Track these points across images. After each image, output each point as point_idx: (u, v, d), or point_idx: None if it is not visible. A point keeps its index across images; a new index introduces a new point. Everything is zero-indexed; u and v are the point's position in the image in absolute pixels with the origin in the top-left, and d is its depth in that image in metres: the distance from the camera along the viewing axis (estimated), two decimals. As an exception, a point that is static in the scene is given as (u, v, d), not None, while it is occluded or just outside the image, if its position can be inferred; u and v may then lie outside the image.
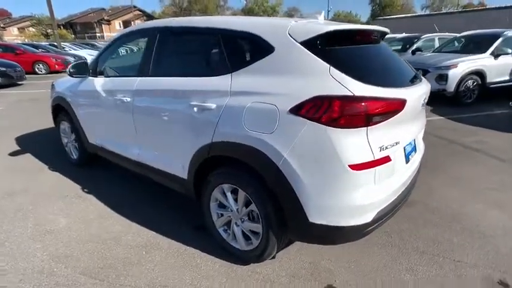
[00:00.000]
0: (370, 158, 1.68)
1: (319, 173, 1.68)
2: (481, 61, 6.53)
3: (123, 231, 2.55)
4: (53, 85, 3.92)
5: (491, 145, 4.33)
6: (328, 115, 1.61)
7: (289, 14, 77.53)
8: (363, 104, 1.62)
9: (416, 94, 2.00)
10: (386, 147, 1.76)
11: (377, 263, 2.17)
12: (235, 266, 2.15)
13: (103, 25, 52.58)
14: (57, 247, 2.37)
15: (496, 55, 6.67)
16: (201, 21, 2.27)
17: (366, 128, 1.65)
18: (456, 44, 8.15)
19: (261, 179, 1.87)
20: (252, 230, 2.06)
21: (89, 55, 19.36)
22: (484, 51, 6.74)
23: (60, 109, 3.71)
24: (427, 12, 51.19)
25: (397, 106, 1.75)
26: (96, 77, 3.07)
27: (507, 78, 6.85)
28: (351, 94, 1.62)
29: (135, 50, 3.50)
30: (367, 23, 60.33)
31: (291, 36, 1.82)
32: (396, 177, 1.95)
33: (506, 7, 19.02)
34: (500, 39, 6.80)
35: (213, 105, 2.00)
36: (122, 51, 3.47)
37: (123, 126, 2.79)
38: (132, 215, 2.76)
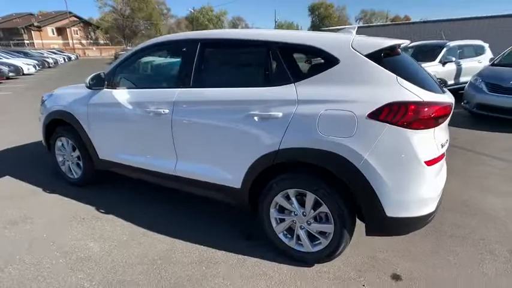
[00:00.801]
0: (437, 154, 1.91)
1: (399, 171, 1.85)
2: (433, 68, 7.46)
3: (169, 249, 2.44)
4: (44, 100, 3.57)
5: (455, 139, 5.00)
6: (405, 119, 1.80)
7: (234, 24, 78.71)
8: (431, 108, 1.84)
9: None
10: (442, 145, 2.02)
11: (424, 249, 2.40)
12: (301, 268, 2.21)
13: (32, 31, 47.78)
14: (103, 274, 2.19)
15: (443, 62, 7.68)
16: (254, 34, 2.32)
17: (433, 128, 1.88)
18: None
19: (334, 181, 2.00)
20: (320, 231, 2.16)
21: (25, 64, 17.58)
22: (434, 60, 7.73)
23: (57, 125, 3.41)
24: (361, 23, 56.18)
25: (450, 109, 2.02)
26: (114, 88, 2.90)
27: (453, 82, 7.93)
28: (421, 100, 1.83)
29: (156, 61, 3.34)
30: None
31: (354, 49, 1.98)
32: (443, 171, 2.22)
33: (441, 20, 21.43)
34: (445, 49, 7.87)
35: (279, 114, 2.07)
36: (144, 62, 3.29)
37: (156, 139, 2.69)
38: (169, 231, 2.65)
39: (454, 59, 7.88)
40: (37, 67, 19.16)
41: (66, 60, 30.74)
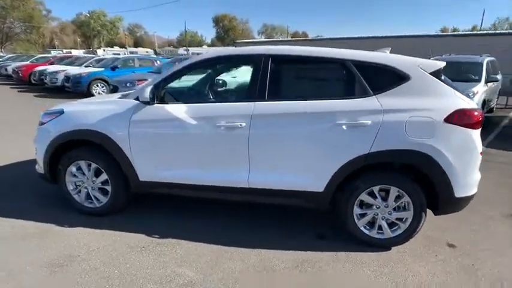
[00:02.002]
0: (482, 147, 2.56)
1: (464, 160, 2.42)
2: (478, 88, 6.57)
3: (264, 259, 2.48)
4: (47, 121, 3.03)
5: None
6: (468, 121, 2.39)
7: (131, 30, 74.09)
8: (479, 113, 2.47)
9: None
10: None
11: (469, 228, 2.99)
12: (384, 252, 2.58)
13: None
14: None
15: (487, 82, 7.06)
16: (331, 52, 2.61)
17: (480, 128, 2.52)
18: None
19: (415, 174, 2.45)
20: (399, 218, 2.58)
21: None
22: (478, 79, 6.91)
23: (70, 148, 2.96)
24: (263, 37, 60.29)
25: None
26: (163, 103, 2.75)
27: (494, 103, 8.27)
28: (474, 107, 2.46)
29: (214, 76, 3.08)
30: (213, 44, 65.13)
31: (421, 68, 2.50)
32: None
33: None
34: (485, 66, 7.17)
35: (368, 122, 2.42)
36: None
37: (226, 153, 2.69)
38: (247, 243, 2.68)
39: (498, 77, 7.38)
40: None
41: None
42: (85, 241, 2.69)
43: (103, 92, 11.82)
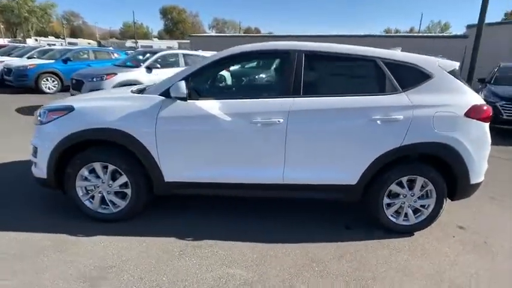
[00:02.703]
0: (490, 138, 2.88)
1: (479, 150, 2.70)
2: None
3: (308, 252, 2.53)
4: (52, 119, 2.69)
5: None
6: (483, 115, 2.67)
7: (67, 19, 67.52)
8: (489, 108, 2.78)
9: None
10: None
11: (469, 210, 3.33)
12: (408, 238, 2.79)
13: None
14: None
15: None
16: (363, 50, 2.72)
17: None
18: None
19: (439, 165, 2.69)
20: (422, 205, 2.80)
21: None
22: None
23: (84, 147, 2.69)
24: (214, 31, 59.23)
25: None
26: (196, 99, 2.63)
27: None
28: (484, 103, 2.76)
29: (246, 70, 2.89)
30: (160, 37, 62.32)
31: (441, 67, 2.73)
32: None
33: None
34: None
35: (401, 117, 2.59)
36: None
37: (261, 150, 2.67)
38: (282, 238, 2.70)
39: None
40: None
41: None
42: (113, 250, 2.47)
43: (54, 87, 10.70)
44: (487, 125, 2.73)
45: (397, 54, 2.78)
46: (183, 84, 2.51)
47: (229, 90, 2.80)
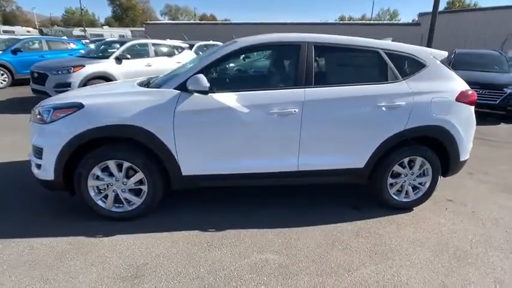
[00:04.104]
0: (474, 120, 3.24)
1: (467, 130, 3.03)
2: None
3: (328, 233, 2.70)
4: (57, 118, 2.53)
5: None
6: (470, 100, 3.01)
7: (-1, 4, 60.22)
8: (474, 93, 3.12)
9: None
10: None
11: (452, 185, 3.71)
12: (409, 213, 3.09)
13: None
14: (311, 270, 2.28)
15: None
16: (367, 42, 2.90)
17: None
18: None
19: (434, 145, 2.98)
20: (420, 182, 3.10)
21: None
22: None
23: (95, 145, 2.58)
24: (167, 18, 56.69)
25: None
26: (213, 92, 2.62)
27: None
28: (470, 88, 3.10)
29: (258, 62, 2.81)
30: (108, 24, 58.35)
31: (433, 56, 3.01)
32: None
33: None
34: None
35: (403, 103, 2.82)
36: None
37: (277, 140, 2.76)
38: (298, 222, 2.85)
39: None
40: None
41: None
42: (139, 248, 2.44)
43: (4, 81, 9.72)
44: (473, 108, 3.08)
45: (396, 45, 3.01)
46: (203, 77, 2.50)
47: (244, 82, 2.83)
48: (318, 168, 2.89)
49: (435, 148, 3.01)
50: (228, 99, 2.65)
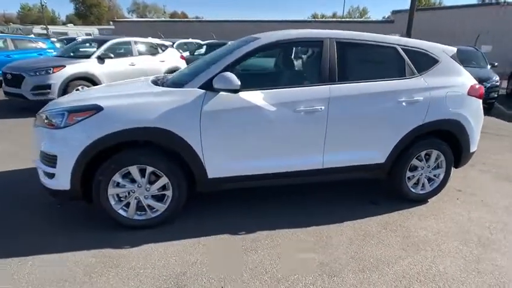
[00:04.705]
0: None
1: (477, 122, 3.17)
2: None
3: (357, 228, 2.72)
4: (70, 123, 2.34)
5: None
6: (479, 93, 3.14)
7: None
8: (481, 87, 3.26)
9: None
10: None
11: (457, 175, 3.86)
12: (428, 204, 3.19)
13: None
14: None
15: None
16: (385, 38, 2.94)
17: (481, 99, 3.33)
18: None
19: (447, 138, 3.09)
20: (435, 175, 3.19)
21: None
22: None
23: (115, 150, 2.42)
24: (135, 16, 54.65)
25: None
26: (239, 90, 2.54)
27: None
28: (477, 82, 3.24)
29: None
30: (70, 21, 55.36)
31: (444, 52, 3.11)
32: None
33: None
34: None
35: (421, 98, 2.90)
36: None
37: (303, 138, 2.74)
38: (324, 219, 2.84)
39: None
40: None
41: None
42: (172, 257, 2.32)
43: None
44: (481, 101, 3.22)
45: (411, 41, 3.08)
46: (233, 75, 2.40)
47: (269, 80, 2.76)
48: (341, 165, 2.89)
49: (449, 141, 3.12)
50: (255, 97, 2.57)
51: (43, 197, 2.82)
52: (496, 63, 8.74)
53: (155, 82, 2.93)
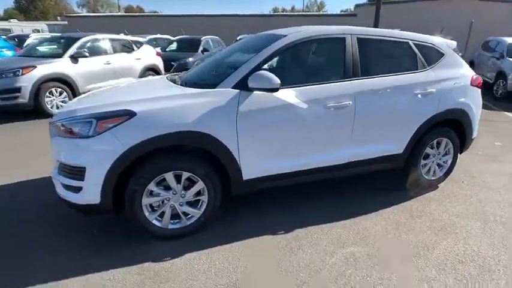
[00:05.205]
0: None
1: (478, 109, 3.41)
2: None
3: (388, 217, 2.81)
4: (102, 130, 2.15)
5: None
6: (478, 83, 3.38)
7: None
8: (479, 77, 3.51)
9: None
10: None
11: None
12: (440, 191, 3.39)
13: None
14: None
15: None
16: (396, 34, 3.11)
17: (480, 88, 3.57)
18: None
19: (454, 125, 3.29)
20: (444, 161, 3.40)
21: None
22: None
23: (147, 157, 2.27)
24: (85, 10, 51.04)
25: None
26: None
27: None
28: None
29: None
30: (10, 16, 50.53)
31: (448, 46, 3.30)
32: None
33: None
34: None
35: (434, 90, 3.06)
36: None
37: (334, 133, 2.78)
38: (353, 212, 2.92)
39: None
40: None
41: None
42: (222, 263, 2.24)
43: None
44: (480, 90, 3.47)
45: (420, 36, 3.22)
46: (271, 74, 2.35)
47: (298, 77, 2.72)
48: (364, 158, 2.97)
49: (455, 128, 3.33)
50: (288, 95, 2.55)
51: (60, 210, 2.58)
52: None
53: (173, 81, 2.81)
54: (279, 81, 2.35)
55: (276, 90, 2.40)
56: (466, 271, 2.21)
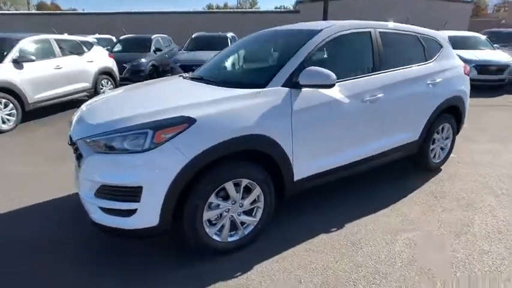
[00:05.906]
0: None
1: (467, 95, 3.77)
2: None
3: (411, 203, 2.98)
4: (163, 141, 1.87)
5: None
6: (467, 72, 3.76)
7: None
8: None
9: None
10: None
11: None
12: (444, 173, 3.70)
13: None
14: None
15: None
16: (407, 27, 3.33)
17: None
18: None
19: (454, 111, 3.62)
20: (445, 145, 3.71)
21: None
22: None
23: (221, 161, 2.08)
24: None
25: None
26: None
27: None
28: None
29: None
30: None
31: (444, 39, 3.61)
32: None
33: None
34: None
35: (440, 79, 3.32)
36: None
37: (369, 126, 2.84)
38: (380, 203, 3.04)
39: None
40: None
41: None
42: (298, 270, 2.14)
43: None
44: (469, 79, 3.86)
45: (424, 30, 3.46)
46: (326, 70, 2.29)
47: (337, 72, 2.68)
48: (389, 148, 3.10)
49: (453, 114, 3.67)
50: (334, 90, 2.52)
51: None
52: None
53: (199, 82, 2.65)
54: (335, 77, 2.31)
55: (332, 86, 2.35)
56: (508, 239, 2.46)
